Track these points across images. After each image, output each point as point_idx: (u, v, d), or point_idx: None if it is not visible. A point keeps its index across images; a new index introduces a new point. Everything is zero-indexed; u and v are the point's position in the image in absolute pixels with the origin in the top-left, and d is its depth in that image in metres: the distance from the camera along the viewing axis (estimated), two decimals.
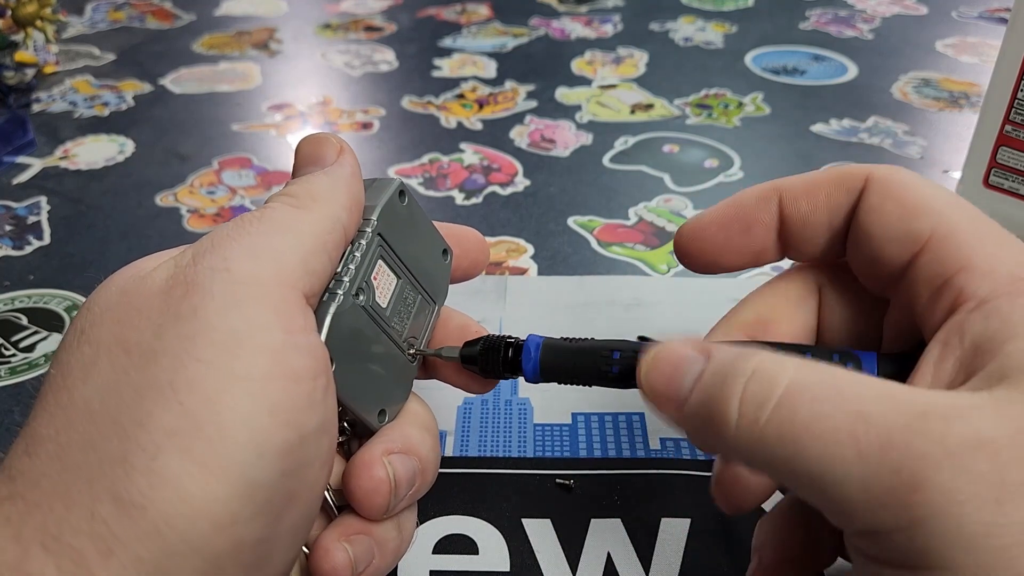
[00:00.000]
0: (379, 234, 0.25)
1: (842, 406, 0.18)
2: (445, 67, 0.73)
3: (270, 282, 0.20)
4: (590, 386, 0.25)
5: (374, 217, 0.25)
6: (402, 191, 0.26)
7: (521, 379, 0.36)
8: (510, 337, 0.27)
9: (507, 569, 0.28)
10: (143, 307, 0.20)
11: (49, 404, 0.19)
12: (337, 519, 0.24)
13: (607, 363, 0.24)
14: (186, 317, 0.19)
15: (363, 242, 0.24)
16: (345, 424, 0.24)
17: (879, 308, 0.25)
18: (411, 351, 0.26)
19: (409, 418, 0.26)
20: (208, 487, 0.18)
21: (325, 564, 0.23)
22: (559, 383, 0.26)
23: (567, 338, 0.26)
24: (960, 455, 0.17)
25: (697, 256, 0.26)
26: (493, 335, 0.27)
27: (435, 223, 0.28)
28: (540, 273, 0.45)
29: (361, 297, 0.24)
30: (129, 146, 0.60)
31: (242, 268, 0.20)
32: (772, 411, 0.18)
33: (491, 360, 0.26)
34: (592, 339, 0.25)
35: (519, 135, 0.60)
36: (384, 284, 0.25)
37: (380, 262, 0.25)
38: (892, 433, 0.17)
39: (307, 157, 0.25)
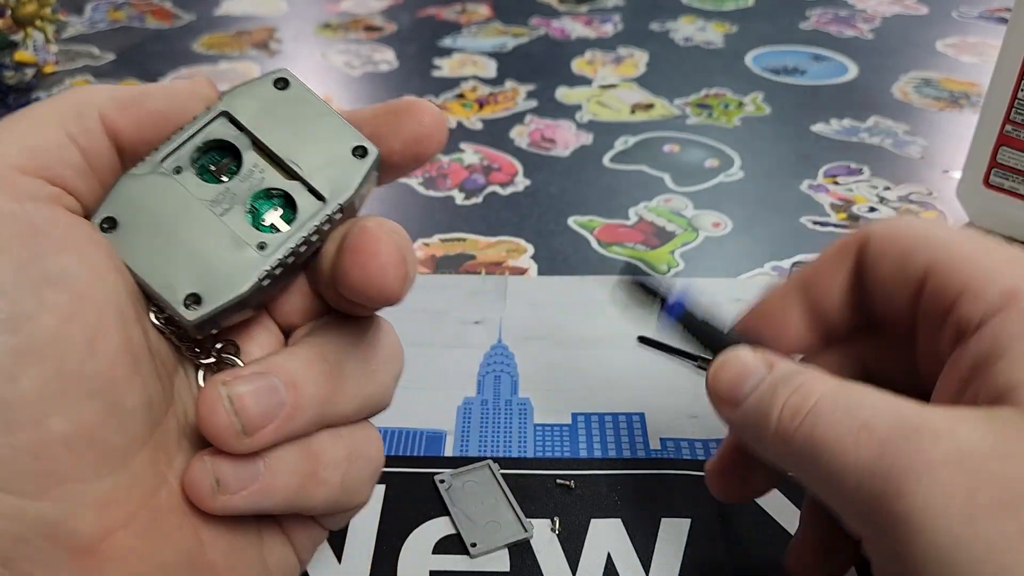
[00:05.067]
0: (226, 114, 0.23)
1: (854, 418, 0.20)
2: (445, 67, 0.73)
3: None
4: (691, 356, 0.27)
5: (221, 98, 0.23)
6: (282, 79, 0.24)
7: (520, 379, 0.36)
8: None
9: (507, 569, 0.28)
10: None
11: None
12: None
13: (714, 345, 0.26)
14: None
15: (198, 120, 0.23)
16: (157, 317, 0.22)
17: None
18: (259, 244, 0.22)
19: (307, 345, 0.23)
20: None
21: (185, 479, 0.21)
22: (685, 331, 0.27)
23: (704, 319, 0.27)
24: (940, 470, 0.18)
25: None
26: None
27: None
28: (540, 273, 0.45)
29: (179, 171, 0.22)
30: None
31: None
32: (802, 420, 0.21)
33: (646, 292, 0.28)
34: (721, 329, 0.27)
35: (519, 135, 0.60)
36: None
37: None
38: (887, 443, 0.19)
39: None
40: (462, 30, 0.81)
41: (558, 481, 0.31)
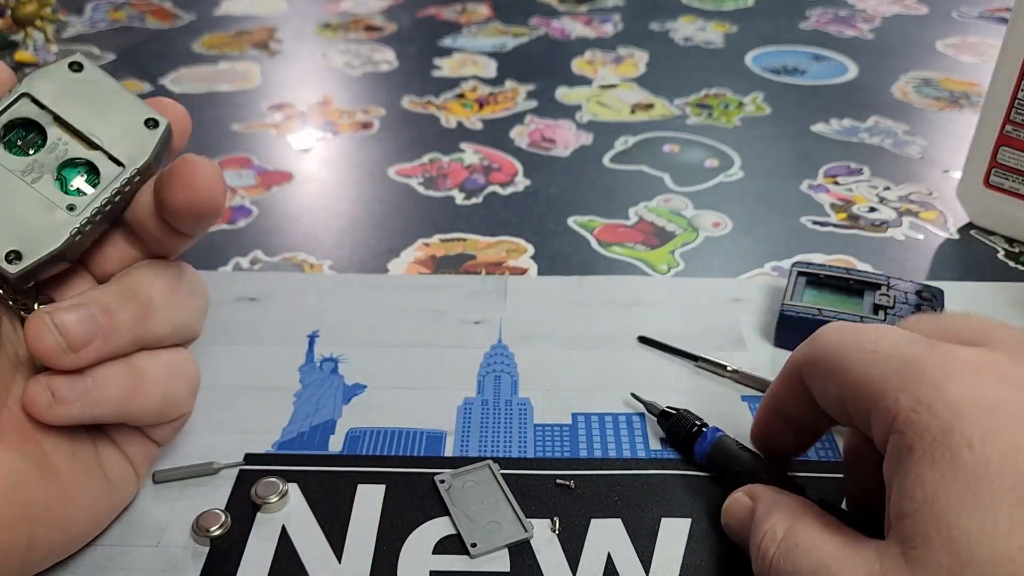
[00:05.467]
0: (28, 95, 0.26)
1: None
2: (445, 67, 0.73)
3: None
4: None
5: (21, 82, 0.26)
6: (76, 63, 0.27)
7: (520, 379, 0.36)
8: (698, 420, 0.32)
9: (507, 569, 0.28)
10: None
11: None
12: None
13: (746, 475, 0.30)
14: None
15: (1, 102, 0.26)
16: None
17: None
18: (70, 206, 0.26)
19: (118, 283, 0.27)
20: None
21: (24, 399, 0.25)
22: (718, 472, 0.31)
23: (739, 443, 0.31)
24: None
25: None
26: (687, 413, 0.33)
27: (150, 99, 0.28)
28: (540, 273, 0.45)
29: None
30: None
31: None
32: (769, 571, 0.24)
33: (676, 433, 0.33)
34: (753, 452, 0.31)
35: (519, 135, 0.60)
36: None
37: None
38: None
39: None
40: (462, 30, 0.81)
41: (558, 481, 0.31)
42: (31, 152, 0.26)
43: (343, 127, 0.62)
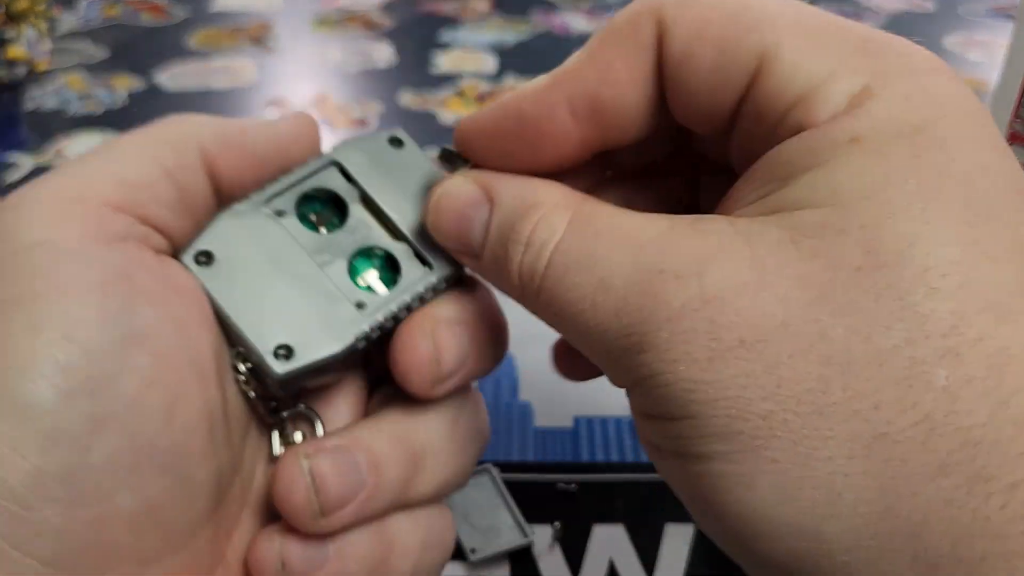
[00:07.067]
0: (336, 163, 0.22)
1: (590, 273, 0.18)
2: (444, 62, 0.72)
3: (76, 197, 0.18)
4: None
5: (332, 149, 0.23)
6: (396, 138, 0.23)
7: (521, 382, 0.36)
8: None
9: (507, 575, 0.27)
10: None
11: None
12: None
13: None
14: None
15: (308, 166, 0.22)
16: (241, 365, 0.20)
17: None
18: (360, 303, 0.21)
19: (392, 420, 0.21)
20: None
21: (250, 557, 0.20)
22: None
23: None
24: (681, 317, 0.17)
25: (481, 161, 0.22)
26: None
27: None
28: None
29: (281, 214, 0.21)
30: None
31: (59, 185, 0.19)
32: (540, 282, 0.19)
33: None
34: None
35: None
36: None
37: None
38: (627, 298, 0.17)
39: None
40: (461, 25, 0.81)
41: (559, 486, 0.31)
42: (323, 231, 0.22)
43: (340, 124, 0.62)
